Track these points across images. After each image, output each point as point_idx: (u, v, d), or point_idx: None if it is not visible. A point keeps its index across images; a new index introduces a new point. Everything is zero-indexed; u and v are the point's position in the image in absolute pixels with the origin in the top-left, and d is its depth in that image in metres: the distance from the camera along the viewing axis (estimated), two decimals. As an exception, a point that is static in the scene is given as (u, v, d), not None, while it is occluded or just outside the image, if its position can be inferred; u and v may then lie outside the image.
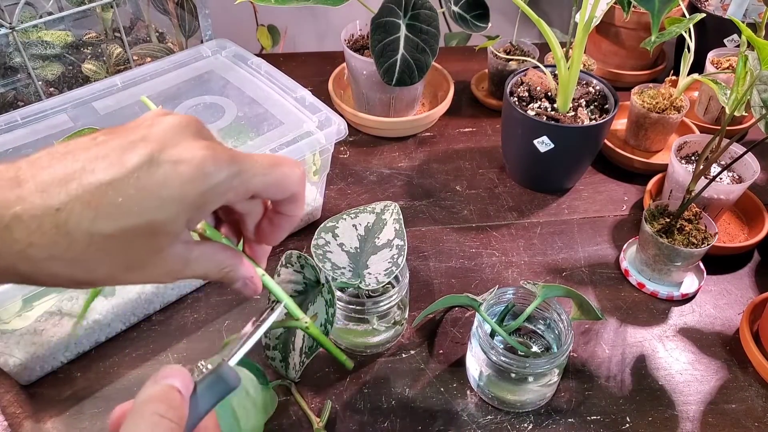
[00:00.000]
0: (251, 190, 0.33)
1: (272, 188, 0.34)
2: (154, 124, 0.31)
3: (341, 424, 0.58)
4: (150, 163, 0.29)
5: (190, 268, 0.33)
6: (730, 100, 0.66)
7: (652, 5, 0.57)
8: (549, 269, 0.73)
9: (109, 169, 0.29)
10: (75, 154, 0.29)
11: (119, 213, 0.29)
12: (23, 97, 0.81)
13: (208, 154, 0.31)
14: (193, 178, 0.30)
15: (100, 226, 0.29)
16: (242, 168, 0.32)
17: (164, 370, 0.32)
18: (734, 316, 0.69)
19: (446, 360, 0.63)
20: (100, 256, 0.29)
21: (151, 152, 0.30)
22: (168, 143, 0.30)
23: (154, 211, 0.29)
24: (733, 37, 0.95)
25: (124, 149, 0.30)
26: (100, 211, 0.28)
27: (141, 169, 0.29)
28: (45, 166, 0.29)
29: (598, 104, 0.80)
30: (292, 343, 0.58)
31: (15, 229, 0.28)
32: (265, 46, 1.34)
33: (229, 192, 0.32)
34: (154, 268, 0.32)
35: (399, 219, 0.62)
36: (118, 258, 0.30)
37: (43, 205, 0.28)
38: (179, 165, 0.30)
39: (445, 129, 0.95)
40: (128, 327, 0.66)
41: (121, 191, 0.29)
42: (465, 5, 0.86)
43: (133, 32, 0.93)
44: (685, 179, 0.72)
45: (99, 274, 0.30)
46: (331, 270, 0.57)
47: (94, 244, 0.29)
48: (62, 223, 0.28)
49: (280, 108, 0.71)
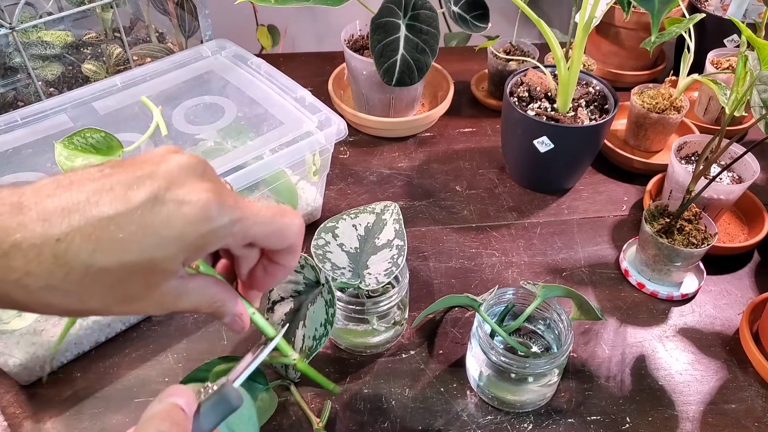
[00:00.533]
0: (250, 237, 0.33)
1: (271, 238, 0.35)
2: (162, 162, 0.31)
3: (341, 424, 0.58)
4: (155, 201, 0.30)
5: (183, 300, 0.34)
6: (730, 101, 0.66)
7: (651, 5, 0.57)
8: (549, 269, 0.73)
9: (113, 203, 0.29)
10: (81, 184, 0.30)
11: (119, 248, 0.29)
12: (23, 98, 0.81)
13: (213, 197, 0.31)
14: (196, 221, 0.30)
15: (99, 260, 0.29)
16: (244, 215, 0.32)
17: (169, 390, 0.33)
18: (734, 317, 0.69)
19: (446, 360, 0.63)
20: (95, 289, 0.30)
21: (156, 190, 0.30)
22: (174, 182, 0.30)
23: (154, 249, 0.30)
24: (733, 38, 0.95)
25: (129, 185, 0.30)
26: (100, 245, 0.29)
27: (145, 207, 0.29)
28: (49, 194, 0.29)
29: (598, 104, 0.80)
30: (292, 344, 0.58)
31: (13, 257, 0.28)
32: (265, 47, 1.34)
33: (229, 237, 0.32)
34: (148, 301, 0.32)
35: (399, 219, 0.62)
36: (114, 291, 0.30)
37: (44, 234, 0.28)
38: (184, 206, 0.30)
39: (445, 129, 0.95)
40: (128, 327, 0.66)
41: (123, 227, 0.29)
42: (465, 5, 0.86)
43: (133, 32, 0.93)
44: (684, 179, 0.72)
45: (93, 305, 0.31)
46: (331, 270, 0.57)
47: (91, 276, 0.29)
48: (61, 253, 0.28)
49: (280, 108, 0.71)
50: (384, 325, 0.61)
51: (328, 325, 0.55)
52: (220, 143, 0.68)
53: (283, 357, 0.46)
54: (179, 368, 0.62)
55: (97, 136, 0.62)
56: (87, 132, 0.61)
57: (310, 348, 0.56)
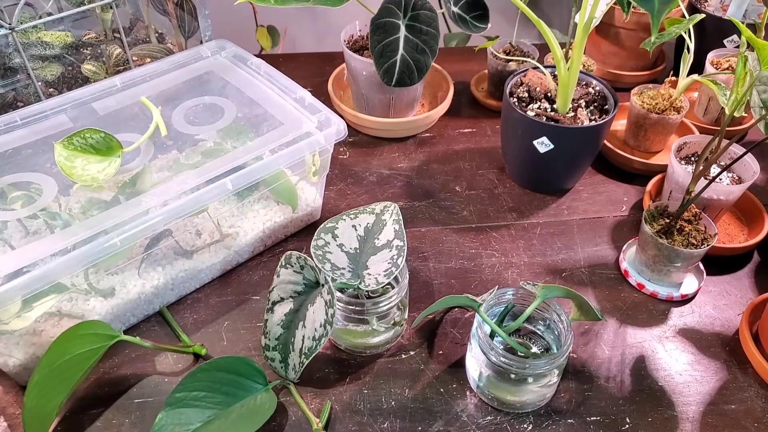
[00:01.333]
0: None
1: None
2: None
3: (341, 424, 0.58)
4: None
5: None
6: (730, 101, 0.66)
7: (651, 6, 0.57)
8: (549, 270, 0.73)
9: None
10: None
11: None
12: (23, 98, 0.81)
13: None
14: None
15: None
16: None
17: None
18: (734, 317, 0.69)
19: (446, 361, 0.63)
20: None
21: None
22: None
23: None
24: (733, 38, 0.95)
25: None
26: None
27: None
28: None
29: (598, 105, 0.80)
30: (291, 344, 0.58)
31: None
32: (265, 47, 1.34)
33: None
34: None
35: (399, 220, 0.62)
36: None
37: None
38: None
39: (445, 130, 0.95)
40: (128, 327, 0.66)
41: None
42: (464, 6, 0.86)
43: (133, 33, 0.92)
44: (684, 180, 0.72)
45: None
46: (331, 271, 0.57)
47: None
48: None
49: (280, 109, 0.71)
50: (384, 326, 0.61)
51: (328, 326, 0.55)
52: (219, 144, 0.68)
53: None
54: (179, 368, 0.62)
55: (96, 136, 0.62)
56: (87, 132, 0.61)
57: (310, 348, 0.56)
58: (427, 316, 0.63)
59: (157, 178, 0.63)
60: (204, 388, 0.54)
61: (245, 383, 0.56)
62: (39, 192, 0.61)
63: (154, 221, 0.57)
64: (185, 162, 0.65)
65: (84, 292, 0.61)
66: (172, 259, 0.66)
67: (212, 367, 0.55)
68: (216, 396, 0.54)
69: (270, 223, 0.73)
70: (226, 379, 0.55)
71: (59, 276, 0.53)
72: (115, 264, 0.61)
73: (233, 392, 0.55)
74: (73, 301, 0.61)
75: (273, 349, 0.60)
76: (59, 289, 0.58)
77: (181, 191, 0.60)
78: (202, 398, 0.54)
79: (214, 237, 0.69)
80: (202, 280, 0.70)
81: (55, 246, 0.54)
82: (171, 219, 0.58)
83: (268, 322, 0.60)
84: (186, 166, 0.64)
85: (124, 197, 0.60)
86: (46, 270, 0.52)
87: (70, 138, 0.61)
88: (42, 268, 0.52)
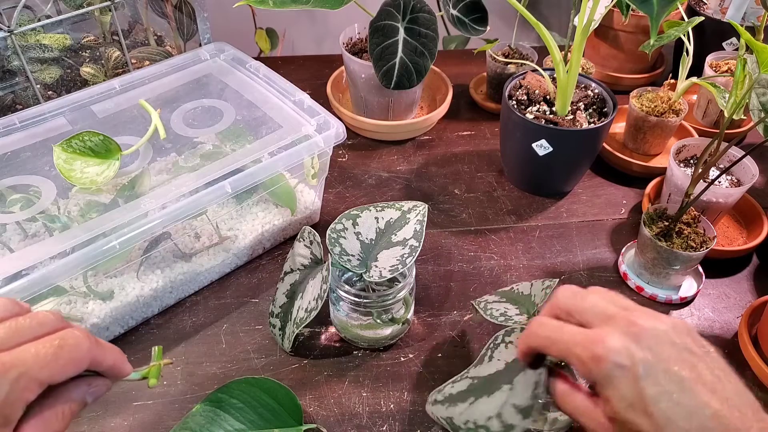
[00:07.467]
0: (46, 382, 0.34)
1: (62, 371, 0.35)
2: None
3: (340, 427, 0.58)
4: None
5: None
6: (729, 104, 0.66)
7: (650, 8, 0.57)
8: (547, 272, 0.73)
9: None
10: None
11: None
12: (21, 101, 0.81)
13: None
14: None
15: None
16: (21, 370, 0.32)
17: None
18: (733, 320, 0.69)
19: (445, 363, 0.63)
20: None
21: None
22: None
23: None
24: (732, 41, 0.96)
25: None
26: None
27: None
28: None
29: (597, 107, 0.80)
30: (290, 314, 0.60)
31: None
32: (264, 50, 1.34)
33: (25, 394, 0.33)
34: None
35: (423, 221, 0.63)
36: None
37: None
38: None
39: (444, 132, 0.95)
40: (127, 330, 0.66)
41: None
42: (463, 8, 0.86)
43: (132, 35, 0.93)
44: (683, 183, 0.72)
45: None
46: (339, 255, 0.58)
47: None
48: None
49: (279, 111, 0.71)
50: (387, 320, 0.62)
51: (319, 300, 0.57)
52: (218, 146, 0.68)
53: None
54: (178, 371, 0.62)
55: (95, 139, 0.62)
56: (85, 135, 0.61)
57: (301, 319, 0.58)
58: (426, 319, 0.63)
59: (156, 181, 0.63)
60: (244, 400, 0.54)
61: (282, 415, 0.55)
62: (38, 195, 0.61)
63: (153, 224, 0.57)
64: (184, 165, 0.65)
65: (83, 295, 0.61)
66: (171, 262, 0.66)
67: (258, 384, 0.55)
68: (251, 414, 0.54)
69: (269, 226, 0.73)
70: (265, 402, 0.55)
71: (58, 279, 0.53)
72: (113, 267, 0.61)
73: (267, 417, 0.55)
74: (71, 304, 0.61)
75: (276, 316, 0.63)
76: (58, 292, 0.57)
77: (180, 194, 0.60)
78: (238, 408, 0.54)
79: (213, 240, 0.69)
80: (201, 283, 0.70)
81: (53, 249, 0.53)
82: (170, 222, 0.58)
83: (278, 290, 0.63)
84: (185, 168, 0.64)
85: (123, 200, 0.60)
86: (45, 273, 0.52)
87: (68, 141, 0.61)
88: (41, 271, 0.52)
